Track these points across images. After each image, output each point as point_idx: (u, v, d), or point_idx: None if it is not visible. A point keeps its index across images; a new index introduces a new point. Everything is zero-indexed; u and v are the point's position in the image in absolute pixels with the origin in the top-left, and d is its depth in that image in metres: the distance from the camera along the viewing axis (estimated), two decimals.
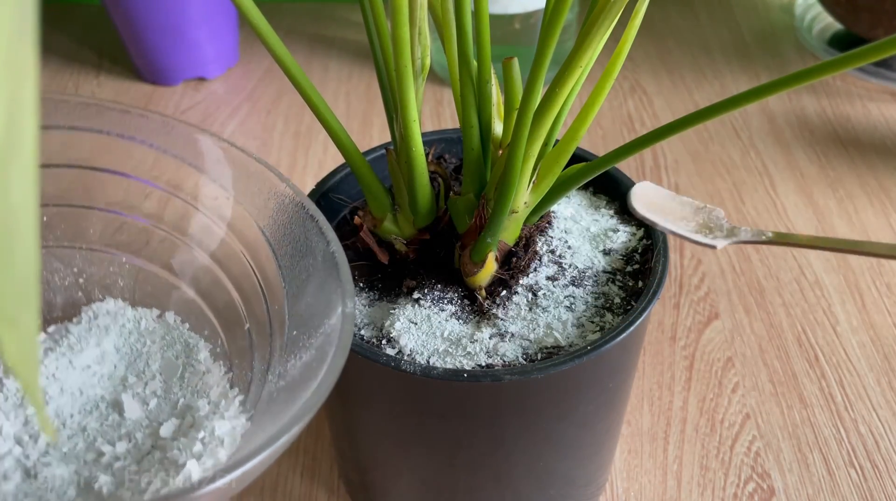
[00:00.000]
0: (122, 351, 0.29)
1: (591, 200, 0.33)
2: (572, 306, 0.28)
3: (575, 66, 0.23)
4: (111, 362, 0.29)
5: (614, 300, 0.29)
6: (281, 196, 0.25)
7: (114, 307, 0.30)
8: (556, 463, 0.31)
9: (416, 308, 0.28)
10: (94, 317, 0.30)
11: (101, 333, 0.29)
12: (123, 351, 0.29)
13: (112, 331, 0.29)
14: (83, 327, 0.29)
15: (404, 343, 0.27)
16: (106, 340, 0.29)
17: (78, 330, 0.29)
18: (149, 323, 0.30)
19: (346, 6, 0.77)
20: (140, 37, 0.64)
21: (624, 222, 0.32)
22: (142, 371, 0.29)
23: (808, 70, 0.19)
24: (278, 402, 0.23)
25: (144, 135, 0.26)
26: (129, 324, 0.30)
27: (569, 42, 0.61)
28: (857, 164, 0.57)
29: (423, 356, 0.27)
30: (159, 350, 0.29)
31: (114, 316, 0.30)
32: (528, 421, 0.27)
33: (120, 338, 0.29)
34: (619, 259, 0.30)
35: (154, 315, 0.30)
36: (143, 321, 0.30)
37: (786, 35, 0.72)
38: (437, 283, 0.29)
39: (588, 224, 0.32)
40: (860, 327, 0.45)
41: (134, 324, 0.30)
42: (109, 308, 0.30)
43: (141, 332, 0.30)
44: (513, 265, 0.29)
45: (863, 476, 0.38)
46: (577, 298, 0.29)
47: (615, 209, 0.32)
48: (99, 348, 0.29)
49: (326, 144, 0.60)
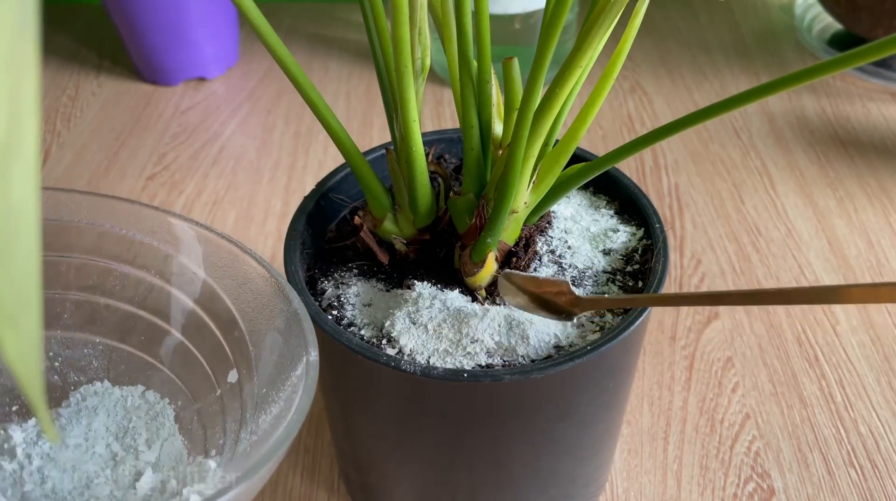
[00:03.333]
0: (110, 429, 0.31)
1: (591, 200, 0.33)
2: None
3: (575, 66, 0.23)
4: (102, 439, 0.30)
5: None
6: (246, 266, 0.27)
7: (101, 388, 0.31)
8: (556, 463, 0.31)
9: (416, 308, 0.28)
10: (82, 399, 0.31)
11: (90, 413, 0.31)
12: (112, 429, 0.31)
13: (100, 411, 0.31)
14: (73, 409, 0.31)
15: (404, 343, 0.27)
16: (96, 419, 0.31)
17: (68, 413, 0.31)
18: (134, 400, 0.31)
19: (346, 6, 0.78)
20: (140, 37, 0.64)
21: (624, 222, 0.32)
22: (130, 446, 0.30)
23: (808, 70, 0.19)
24: (252, 455, 0.25)
25: (114, 221, 0.28)
26: (117, 403, 0.31)
27: (569, 42, 0.61)
28: (857, 164, 0.57)
29: (423, 356, 0.27)
30: (144, 424, 0.31)
31: (101, 396, 0.31)
32: (528, 421, 0.27)
33: (108, 417, 0.31)
34: (619, 259, 0.30)
35: (139, 392, 0.32)
36: (129, 399, 0.31)
37: (786, 35, 0.72)
38: (437, 283, 0.29)
39: (588, 224, 0.32)
40: (860, 327, 0.45)
41: (121, 402, 0.31)
42: (97, 389, 0.31)
43: (127, 409, 0.31)
44: (513, 265, 0.29)
45: (863, 475, 0.38)
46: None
47: (615, 209, 0.32)
48: (90, 427, 0.30)
49: (326, 144, 0.60)
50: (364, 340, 0.28)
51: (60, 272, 0.29)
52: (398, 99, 0.26)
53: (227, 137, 0.61)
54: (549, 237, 0.31)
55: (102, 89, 0.67)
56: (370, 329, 0.28)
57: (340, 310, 0.29)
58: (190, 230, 0.28)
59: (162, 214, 0.28)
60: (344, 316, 0.29)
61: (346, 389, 0.30)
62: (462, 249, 0.29)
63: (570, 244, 0.31)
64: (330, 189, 0.32)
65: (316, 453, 0.40)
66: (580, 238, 0.31)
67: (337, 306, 0.29)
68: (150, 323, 0.30)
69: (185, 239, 0.28)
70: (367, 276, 0.30)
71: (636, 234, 0.31)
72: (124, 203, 0.28)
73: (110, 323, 0.31)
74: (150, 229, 0.28)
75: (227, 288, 0.27)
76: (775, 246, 0.50)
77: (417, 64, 0.27)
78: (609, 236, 0.31)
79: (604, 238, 0.31)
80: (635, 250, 0.31)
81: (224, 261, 0.28)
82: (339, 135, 0.28)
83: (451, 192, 0.31)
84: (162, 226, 0.28)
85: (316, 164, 0.58)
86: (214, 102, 0.65)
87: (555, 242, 0.30)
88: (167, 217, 0.28)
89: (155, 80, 0.67)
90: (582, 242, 0.31)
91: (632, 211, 0.32)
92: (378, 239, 0.30)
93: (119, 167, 0.59)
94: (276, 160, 0.59)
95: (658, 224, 0.30)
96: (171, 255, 0.28)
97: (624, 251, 0.31)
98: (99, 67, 0.70)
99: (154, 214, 0.28)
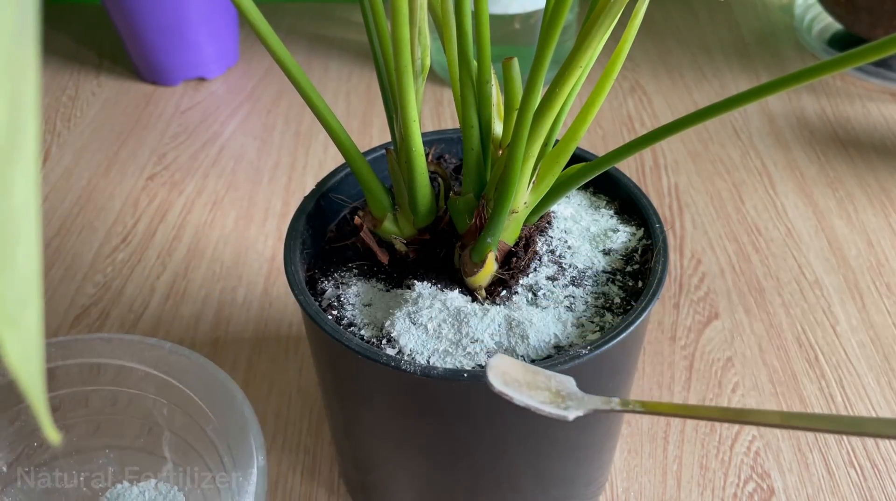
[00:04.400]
0: None
1: (591, 200, 0.33)
2: (572, 306, 0.28)
3: (575, 66, 0.23)
4: None
5: (614, 300, 0.29)
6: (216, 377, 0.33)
7: (122, 488, 0.36)
8: (557, 463, 0.31)
9: (416, 308, 0.28)
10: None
11: None
12: None
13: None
14: None
15: (404, 343, 0.27)
16: None
17: None
18: (150, 492, 0.35)
19: (346, 6, 0.78)
20: (140, 37, 0.64)
21: (624, 223, 0.32)
22: None
23: (808, 70, 0.19)
24: None
25: (97, 355, 0.34)
26: (137, 498, 0.35)
27: (569, 42, 0.61)
28: (856, 164, 0.57)
29: (423, 356, 0.27)
30: None
31: (123, 495, 0.36)
32: (528, 421, 0.27)
33: None
34: (618, 259, 0.30)
35: (152, 485, 0.36)
36: (146, 492, 0.35)
37: (785, 35, 0.72)
38: (437, 283, 0.29)
39: (588, 224, 0.32)
40: (860, 327, 0.45)
41: (140, 496, 0.35)
42: (119, 490, 0.36)
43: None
44: (513, 265, 0.29)
45: (862, 476, 0.38)
46: (577, 298, 0.29)
47: (615, 209, 0.32)
48: None
49: (326, 144, 0.60)
50: (364, 340, 0.28)
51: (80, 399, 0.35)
52: (398, 99, 0.26)
53: (227, 137, 0.61)
54: (549, 237, 0.31)
55: (102, 89, 0.67)
56: (370, 329, 0.28)
57: (340, 310, 0.29)
58: (177, 358, 0.34)
59: (141, 340, 0.34)
60: (344, 316, 0.29)
61: (346, 389, 0.30)
62: (462, 249, 0.29)
63: (570, 244, 0.31)
64: (330, 189, 0.32)
65: (316, 453, 0.40)
66: (580, 238, 0.31)
67: (337, 306, 0.29)
68: (150, 427, 0.36)
69: (169, 364, 0.34)
70: (367, 276, 0.30)
71: (636, 234, 0.31)
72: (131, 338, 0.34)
73: (116, 435, 0.36)
74: (136, 356, 0.34)
75: (199, 393, 0.33)
76: (775, 246, 0.50)
77: (417, 64, 0.27)
78: (609, 236, 0.31)
79: (604, 238, 0.31)
80: (635, 250, 0.31)
81: (199, 373, 0.34)
82: (339, 135, 0.28)
83: (451, 192, 0.31)
84: (146, 352, 0.34)
85: (316, 164, 0.58)
86: (214, 102, 0.65)
87: (555, 242, 0.30)
88: (147, 342, 0.34)
89: (155, 80, 0.67)
90: (582, 242, 0.31)
91: (632, 211, 0.32)
92: (378, 239, 0.30)
93: (119, 167, 0.59)
94: (276, 160, 0.59)
95: (658, 224, 0.30)
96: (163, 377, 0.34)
97: (624, 251, 0.31)
98: (99, 67, 0.70)
99: (132, 341, 0.34)
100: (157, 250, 0.51)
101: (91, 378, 0.34)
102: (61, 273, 0.50)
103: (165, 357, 0.33)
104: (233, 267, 0.50)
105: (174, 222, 0.53)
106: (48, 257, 0.51)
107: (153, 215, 0.54)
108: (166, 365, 0.33)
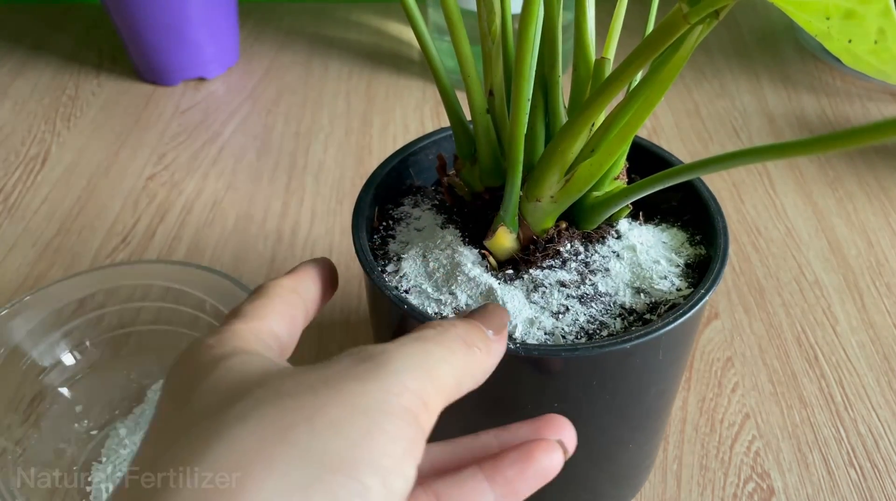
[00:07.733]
0: None
1: (678, 238, 0.31)
2: (559, 316, 0.28)
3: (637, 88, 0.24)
4: None
5: (602, 333, 0.27)
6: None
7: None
8: (620, 438, 0.31)
9: (432, 245, 0.30)
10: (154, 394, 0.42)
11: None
12: None
13: None
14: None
15: (404, 268, 0.29)
16: None
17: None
18: None
19: (347, 6, 0.77)
20: (140, 37, 0.64)
21: (681, 277, 0.30)
22: None
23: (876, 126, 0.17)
24: None
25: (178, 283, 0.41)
26: None
27: (568, 42, 0.61)
28: (856, 164, 0.57)
29: (409, 282, 0.29)
30: None
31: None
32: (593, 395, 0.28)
33: None
34: (645, 304, 0.29)
35: None
36: None
37: (785, 35, 0.72)
38: (466, 236, 0.31)
39: (644, 259, 0.30)
40: (860, 327, 0.45)
41: None
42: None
43: None
44: (530, 253, 0.29)
45: (862, 476, 0.38)
46: (572, 312, 0.28)
47: (687, 260, 0.30)
48: None
49: (326, 143, 0.60)
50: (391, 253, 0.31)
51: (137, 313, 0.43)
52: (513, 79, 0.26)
53: (227, 137, 0.61)
54: (594, 251, 0.30)
55: (102, 89, 0.67)
56: (402, 246, 0.31)
57: (396, 232, 0.32)
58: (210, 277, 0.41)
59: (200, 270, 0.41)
60: (395, 235, 0.32)
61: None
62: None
63: (608, 267, 0.29)
64: (422, 149, 0.34)
65: None
66: (624, 267, 0.30)
67: (393, 231, 0.32)
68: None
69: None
70: (438, 210, 0.33)
71: (682, 291, 0.29)
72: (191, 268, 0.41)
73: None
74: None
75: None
76: (775, 246, 0.50)
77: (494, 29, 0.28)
78: (654, 280, 0.29)
79: (648, 279, 0.29)
80: (667, 303, 0.28)
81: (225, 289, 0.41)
82: (443, 80, 0.30)
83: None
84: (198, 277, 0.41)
85: (316, 164, 0.58)
86: (214, 102, 0.65)
87: (597, 257, 0.29)
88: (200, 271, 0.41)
89: (155, 80, 0.67)
90: (623, 271, 0.29)
91: (704, 268, 0.30)
92: (452, 190, 0.32)
93: (119, 167, 0.59)
94: (275, 160, 0.59)
95: (706, 291, 0.28)
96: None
97: (657, 299, 0.29)
98: (99, 67, 0.70)
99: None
100: (157, 251, 0.51)
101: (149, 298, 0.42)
102: (61, 273, 0.50)
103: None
104: (233, 267, 0.50)
105: (174, 222, 0.53)
106: (48, 257, 0.51)
107: (153, 215, 0.54)
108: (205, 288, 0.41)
